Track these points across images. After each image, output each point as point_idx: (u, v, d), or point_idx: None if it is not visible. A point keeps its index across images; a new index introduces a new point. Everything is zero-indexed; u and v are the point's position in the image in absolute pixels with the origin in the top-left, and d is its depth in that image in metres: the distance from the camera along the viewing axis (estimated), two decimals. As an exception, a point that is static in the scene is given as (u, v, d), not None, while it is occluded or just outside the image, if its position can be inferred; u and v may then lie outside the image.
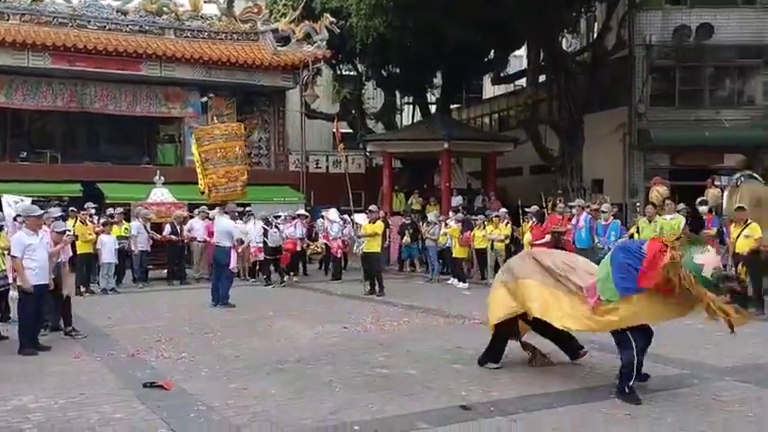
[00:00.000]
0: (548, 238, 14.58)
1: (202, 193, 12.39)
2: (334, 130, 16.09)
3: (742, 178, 14.01)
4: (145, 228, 15.65)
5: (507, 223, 15.72)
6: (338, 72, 27.28)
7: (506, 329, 7.25)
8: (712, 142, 20.70)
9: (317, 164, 25.81)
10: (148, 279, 15.91)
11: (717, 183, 15.48)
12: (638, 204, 16.41)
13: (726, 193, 13.69)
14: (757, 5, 21.46)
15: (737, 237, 11.04)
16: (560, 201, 16.69)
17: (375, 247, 13.97)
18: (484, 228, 15.72)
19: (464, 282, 15.36)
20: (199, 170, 12.29)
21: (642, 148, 21.24)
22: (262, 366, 7.39)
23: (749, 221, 11.13)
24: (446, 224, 16.13)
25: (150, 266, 16.15)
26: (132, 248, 15.38)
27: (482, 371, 7.10)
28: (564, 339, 7.26)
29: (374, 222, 14.08)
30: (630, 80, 21.43)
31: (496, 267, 15.52)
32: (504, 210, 16.44)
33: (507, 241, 15.62)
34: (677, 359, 7.39)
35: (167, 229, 16.03)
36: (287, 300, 13.10)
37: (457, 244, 15.55)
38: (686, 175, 20.02)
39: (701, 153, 21.16)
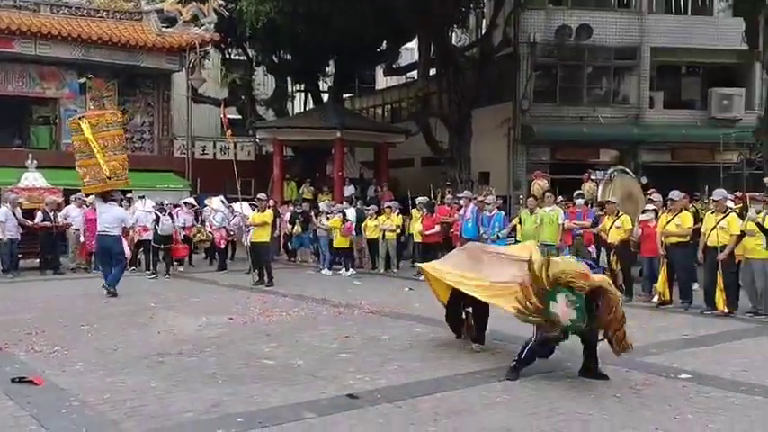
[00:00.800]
0: (437, 228, 14.91)
1: (109, 178, 11.94)
2: (222, 116, 15.66)
3: (615, 173, 14.85)
4: (14, 214, 14.69)
5: (398, 214, 15.93)
6: (227, 56, 26.63)
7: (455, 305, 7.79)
8: (589, 138, 21.82)
9: (203, 150, 25.11)
10: (19, 269, 14.94)
11: (593, 177, 16.31)
12: (521, 197, 17.04)
13: (600, 187, 14.44)
14: (632, 9, 22.74)
15: (609, 228, 11.68)
16: (449, 192, 17.08)
17: (264, 236, 13.78)
18: (376, 218, 15.86)
19: (352, 269, 15.49)
20: (99, 156, 11.76)
21: (525, 142, 22.05)
22: (141, 359, 7.12)
23: (620, 213, 11.80)
24: (327, 216, 16.15)
25: (21, 255, 15.18)
26: (0, 236, 14.41)
27: (370, 360, 7.15)
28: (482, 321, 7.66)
29: (263, 211, 13.88)
30: (515, 77, 22.16)
31: (387, 257, 15.78)
32: (395, 202, 16.68)
33: (398, 231, 15.83)
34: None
35: (39, 216, 15.12)
36: (170, 290, 12.69)
37: (338, 234, 15.61)
38: (565, 169, 21.01)
39: (579, 148, 22.27)
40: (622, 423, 5.17)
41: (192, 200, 17.77)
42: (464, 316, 7.85)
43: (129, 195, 16.29)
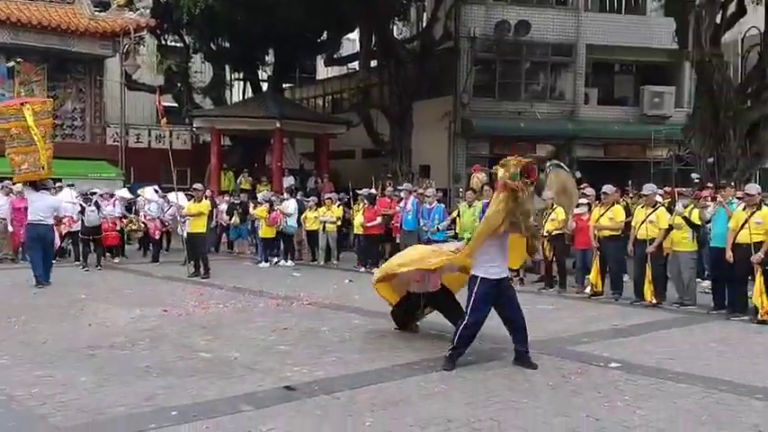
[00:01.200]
0: (379, 220, 14.93)
1: (43, 167, 11.60)
2: (157, 104, 15.30)
3: (551, 167, 15.10)
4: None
5: (339, 205, 15.90)
6: (163, 43, 25.97)
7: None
8: (527, 133, 22.19)
9: (137, 138, 24.47)
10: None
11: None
12: (460, 190, 17.24)
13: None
14: (569, 7, 23.22)
15: (545, 220, 11.90)
16: (390, 184, 17.14)
17: (200, 227, 13.54)
18: (316, 210, 15.79)
19: (291, 260, 15.40)
20: (39, 144, 11.40)
21: (465, 136, 22.29)
22: (71, 352, 6.91)
23: (555, 206, 12.04)
24: (254, 206, 16.12)
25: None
26: None
27: (308, 352, 7.12)
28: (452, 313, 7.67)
29: (199, 201, 13.65)
30: (456, 70, 22.35)
31: (328, 249, 15.73)
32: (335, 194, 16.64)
33: (339, 223, 15.81)
34: (490, 335, 7.81)
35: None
36: (102, 282, 12.36)
37: (263, 224, 15.57)
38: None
39: (517, 143, 22.49)
40: (555, 411, 5.30)
41: (125, 192, 17.31)
42: (425, 312, 8.11)
43: (58, 184, 15.76)
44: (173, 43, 26.13)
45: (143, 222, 16.31)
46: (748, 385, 6.05)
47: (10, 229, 14.95)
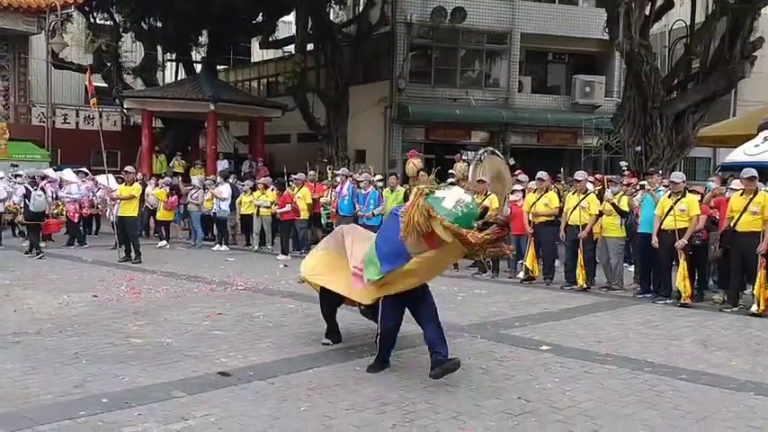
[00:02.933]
0: (288, 207, 14.67)
1: None
2: (87, 83, 14.80)
3: (485, 154, 15.34)
4: None
5: (273, 190, 15.73)
6: (92, 20, 25.06)
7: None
8: (462, 120, 22.45)
9: (65, 119, 23.63)
10: None
11: (464, 157, 16.77)
12: (389, 175, 17.30)
13: (471, 167, 14.89)
14: (504, -5, 23.51)
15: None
16: (330, 169, 17.07)
17: (131, 210, 13.20)
18: (250, 194, 15.60)
19: (226, 245, 15.20)
20: None
21: (401, 121, 22.37)
22: (-6, 340, 6.66)
23: (489, 193, 12.24)
24: (153, 186, 16.25)
25: None
26: None
27: (243, 337, 7.05)
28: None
29: (131, 185, 13.29)
30: (392, 56, 22.36)
31: (262, 233, 15.56)
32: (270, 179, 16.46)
33: (274, 208, 15.63)
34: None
35: None
36: (27, 267, 11.91)
37: (162, 207, 15.78)
38: (438, 149, 21.55)
39: (452, 129, 22.88)
40: (487, 393, 5.41)
41: (51, 172, 16.71)
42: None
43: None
44: (102, 21, 25.23)
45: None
46: (673, 366, 6.30)
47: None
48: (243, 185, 16.27)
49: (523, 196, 11.97)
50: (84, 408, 4.81)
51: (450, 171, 15.65)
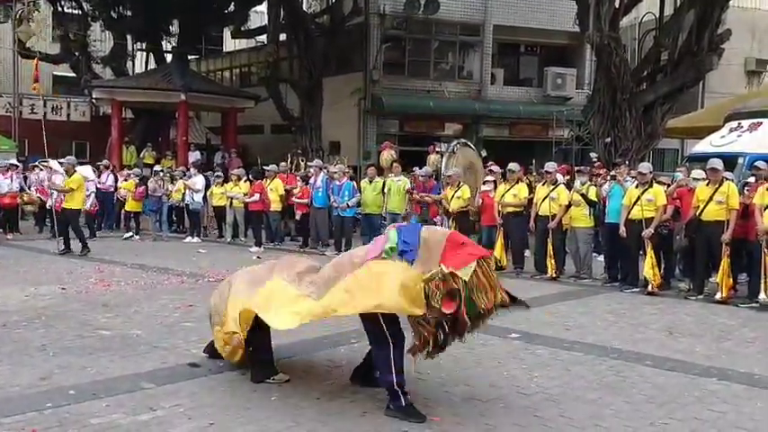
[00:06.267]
0: (256, 197, 14.60)
1: None
2: (34, 69, 14.64)
3: (458, 146, 15.45)
4: None
5: (246, 181, 15.65)
6: (59, 9, 24.63)
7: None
8: (436, 112, 22.50)
9: (32, 109, 23.21)
10: None
11: (438, 149, 16.84)
12: (366, 167, 17.33)
13: (444, 159, 14.97)
14: (478, -14, 23.55)
15: (451, 198, 12.17)
16: (302, 161, 17.02)
17: (76, 202, 12.89)
18: (222, 185, 15.52)
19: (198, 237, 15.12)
20: None
21: (375, 113, 22.35)
22: (-41, 333, 6.56)
23: (461, 184, 12.32)
24: (125, 179, 16.25)
25: None
26: None
27: (212, 327, 7.01)
28: None
29: (70, 176, 12.98)
30: (366, 47, 22.31)
31: (235, 225, 15.48)
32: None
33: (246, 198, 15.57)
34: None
35: None
36: (-6, 259, 11.73)
37: (130, 197, 15.88)
38: (412, 140, 21.58)
39: (426, 121, 22.92)
40: (457, 380, 5.47)
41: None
42: None
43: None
44: (70, 10, 24.82)
45: (38, 196, 15.56)
46: (638, 352, 6.41)
47: None
48: (215, 176, 16.15)
49: (495, 188, 12.05)
50: (50, 399, 4.78)
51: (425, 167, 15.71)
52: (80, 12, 24.50)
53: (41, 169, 15.64)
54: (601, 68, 17.19)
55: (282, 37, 22.64)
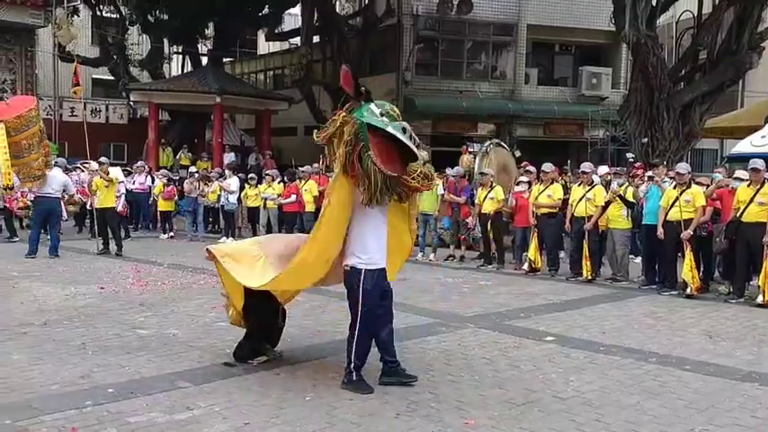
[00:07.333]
0: (293, 198, 14.74)
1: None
2: (74, 72, 14.92)
3: (491, 146, 15.35)
4: None
5: (280, 182, 15.77)
6: (98, 13, 25.11)
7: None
8: (468, 112, 22.39)
9: (72, 111, 23.68)
10: None
11: (470, 149, 16.77)
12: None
13: (477, 159, 14.89)
14: (511, -14, 23.40)
15: (484, 199, 12.10)
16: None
17: (111, 201, 13.14)
18: (256, 187, 15.66)
19: (232, 237, 15.22)
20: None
21: (407, 114, 22.15)
22: (2, 331, 6.68)
23: (494, 185, 12.24)
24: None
25: None
26: None
27: (247, 327, 7.06)
28: None
29: (106, 175, 13.21)
30: (398, 48, 22.31)
31: (269, 226, 15.60)
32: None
33: (280, 200, 15.67)
34: (427, 309, 7.95)
35: None
36: (35, 259, 11.96)
37: (161, 198, 16.30)
38: (444, 141, 21.51)
39: (459, 121, 22.83)
40: (491, 383, 5.42)
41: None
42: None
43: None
44: (108, 14, 25.29)
45: (80, 197, 15.84)
46: (676, 356, 6.30)
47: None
48: (250, 178, 16.31)
49: (530, 188, 11.95)
50: (90, 398, 4.85)
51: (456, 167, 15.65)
52: (118, 16, 24.95)
53: (83, 171, 15.93)
54: (637, 68, 16.93)
55: (316, 39, 22.76)
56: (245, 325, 5.99)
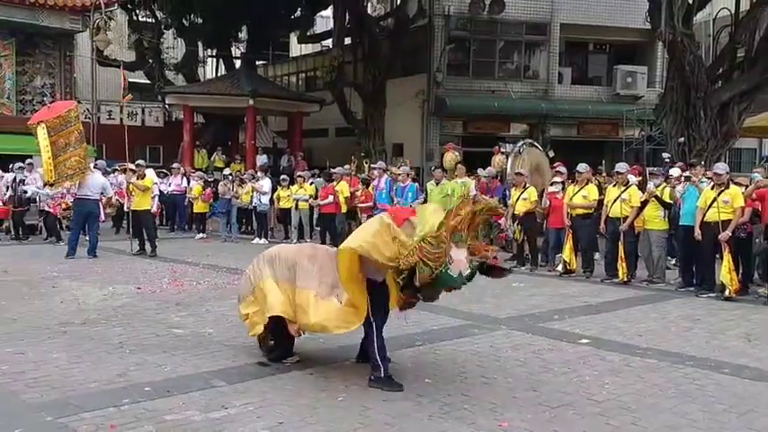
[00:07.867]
0: (330, 199, 14.81)
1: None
2: (121, 79, 15.22)
3: (524, 146, 15.24)
4: None
5: (312, 183, 15.88)
6: (134, 18, 25.54)
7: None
8: (500, 112, 22.26)
9: (109, 115, 24.12)
10: None
11: (502, 150, 16.69)
12: (433, 168, 17.30)
13: (510, 160, 14.81)
14: (543, -15, 23.20)
15: (517, 199, 12.02)
16: (366, 162, 17.11)
17: (146, 204, 13.35)
18: (288, 188, 15.78)
19: (265, 238, 15.37)
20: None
21: (439, 114, 22.29)
22: (42, 330, 6.85)
23: (527, 185, 12.16)
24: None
25: None
26: None
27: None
28: None
29: (142, 178, 13.41)
30: (430, 49, 22.27)
31: (300, 226, 15.72)
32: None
33: (312, 201, 15.77)
34: (459, 311, 7.92)
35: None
36: (73, 259, 12.21)
37: (199, 201, 16.71)
38: (476, 141, 21.43)
39: (491, 122, 22.71)
40: (525, 386, 5.39)
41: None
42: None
43: (29, 161, 15.55)
44: (144, 19, 25.71)
45: (117, 199, 16.15)
46: (715, 360, 6.19)
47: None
48: (285, 179, 16.45)
49: (563, 188, 11.85)
50: (127, 396, 4.94)
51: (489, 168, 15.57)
52: (154, 20, 25.35)
53: (121, 173, 16.22)
54: (673, 66, 16.68)
55: (347, 41, 22.85)
56: (264, 344, 5.99)
